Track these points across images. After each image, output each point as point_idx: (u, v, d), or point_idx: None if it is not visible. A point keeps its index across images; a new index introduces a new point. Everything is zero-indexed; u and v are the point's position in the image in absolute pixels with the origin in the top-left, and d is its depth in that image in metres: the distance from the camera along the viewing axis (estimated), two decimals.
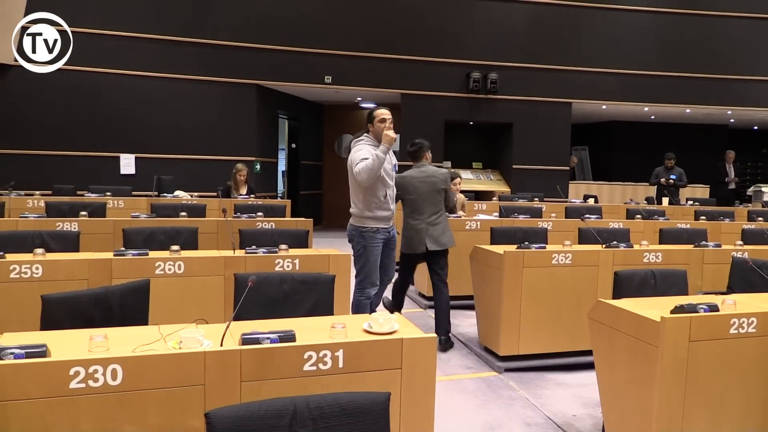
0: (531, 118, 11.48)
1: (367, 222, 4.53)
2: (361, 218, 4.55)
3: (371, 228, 4.53)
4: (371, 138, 4.53)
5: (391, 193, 4.62)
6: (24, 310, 3.40)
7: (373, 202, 4.51)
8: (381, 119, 4.46)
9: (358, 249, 4.57)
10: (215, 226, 5.90)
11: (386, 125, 4.44)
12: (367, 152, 4.40)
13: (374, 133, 4.51)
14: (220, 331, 2.30)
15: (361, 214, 4.55)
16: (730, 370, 2.88)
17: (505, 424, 3.72)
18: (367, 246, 4.54)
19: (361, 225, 4.55)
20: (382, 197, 4.53)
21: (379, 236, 4.55)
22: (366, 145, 4.49)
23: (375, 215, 4.52)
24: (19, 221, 5.61)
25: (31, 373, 1.97)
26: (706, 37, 11.92)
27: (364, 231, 4.54)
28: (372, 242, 4.54)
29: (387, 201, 4.57)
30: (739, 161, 12.61)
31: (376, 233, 4.53)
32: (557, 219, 7.35)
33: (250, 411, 1.61)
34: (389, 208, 4.60)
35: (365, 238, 4.53)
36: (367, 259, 4.56)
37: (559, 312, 4.66)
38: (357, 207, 4.57)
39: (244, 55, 10.29)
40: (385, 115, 4.48)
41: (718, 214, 8.16)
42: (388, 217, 4.60)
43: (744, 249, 5.22)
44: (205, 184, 9.35)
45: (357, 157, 4.42)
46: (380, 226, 4.55)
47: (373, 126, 4.51)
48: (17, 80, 9.14)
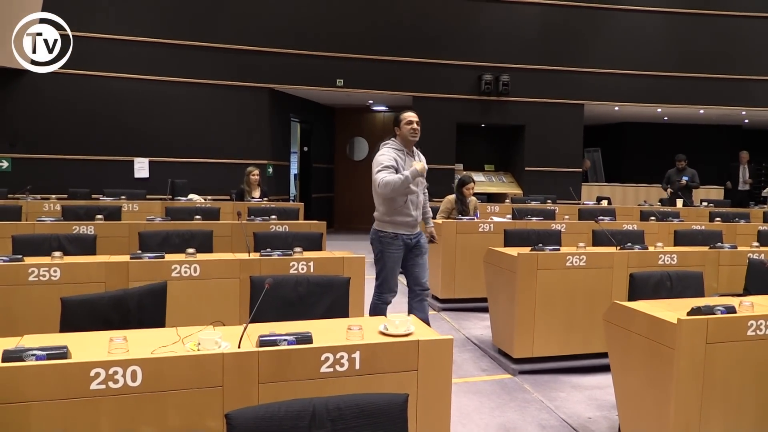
0: (543, 120, 11.45)
1: (386, 226, 4.43)
2: (381, 222, 4.46)
3: (389, 233, 4.42)
4: (397, 142, 4.43)
5: (414, 199, 4.46)
6: (42, 313, 3.45)
7: (392, 206, 4.39)
8: (408, 121, 4.36)
9: (377, 253, 4.49)
10: (229, 229, 5.93)
11: (413, 127, 4.36)
12: (389, 158, 4.30)
13: (401, 136, 4.41)
14: (237, 333, 2.32)
15: (381, 218, 4.46)
16: (748, 372, 2.86)
17: (521, 426, 3.71)
18: (384, 251, 4.44)
19: (380, 229, 4.46)
20: (403, 202, 4.38)
21: (397, 242, 4.42)
22: (390, 150, 4.38)
23: (393, 220, 4.40)
24: (36, 225, 5.67)
25: (53, 375, 2.00)
26: (720, 37, 11.83)
27: (382, 236, 4.44)
28: (389, 248, 4.43)
29: (408, 206, 4.40)
30: (753, 162, 12.50)
31: (394, 239, 4.42)
32: (570, 221, 7.33)
33: (270, 412, 1.62)
34: (410, 213, 4.43)
35: (382, 243, 4.44)
36: (384, 264, 4.46)
37: (574, 314, 4.64)
38: (378, 210, 4.48)
39: (256, 59, 10.35)
40: (412, 118, 4.38)
41: (733, 216, 8.09)
42: (408, 223, 4.43)
43: (760, 250, 5.17)
44: (219, 187, 9.40)
45: (379, 161, 4.33)
46: (399, 231, 4.42)
47: (400, 129, 4.41)
48: (33, 85, 9.25)
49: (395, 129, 4.46)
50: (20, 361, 1.98)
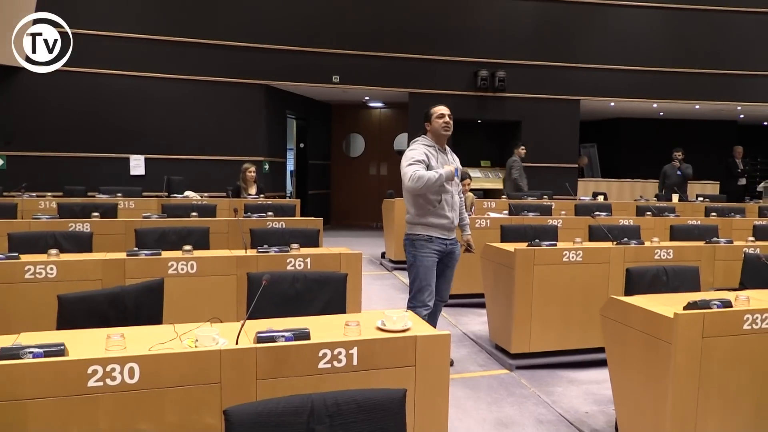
0: (539, 116, 11.46)
1: (418, 229, 4.11)
2: (412, 225, 4.15)
3: (423, 235, 4.09)
4: (428, 138, 4.21)
5: (449, 199, 4.15)
6: (39, 310, 3.44)
7: (425, 206, 4.09)
8: (439, 115, 4.16)
9: (409, 259, 4.16)
10: (226, 226, 5.93)
11: (445, 120, 4.15)
12: (420, 152, 4.06)
13: (433, 131, 4.19)
14: (234, 329, 2.32)
15: (412, 220, 4.16)
16: (744, 366, 2.87)
17: (518, 421, 3.72)
18: (417, 256, 4.09)
19: (412, 232, 4.15)
20: (437, 202, 4.08)
21: (432, 246, 4.09)
22: (421, 145, 4.15)
23: (427, 222, 4.09)
24: (32, 222, 5.65)
25: (50, 372, 1.99)
26: (715, 32, 11.84)
27: (415, 239, 4.11)
28: (423, 251, 4.08)
29: (443, 207, 4.10)
30: (749, 157, 12.55)
31: (428, 242, 4.08)
32: (567, 216, 7.34)
33: (268, 408, 1.63)
34: (446, 215, 4.12)
35: (415, 247, 4.11)
36: (417, 272, 4.10)
37: (571, 309, 4.65)
38: (409, 212, 4.18)
39: (252, 56, 10.32)
40: (444, 111, 4.18)
41: (729, 211, 8.12)
42: (443, 225, 4.12)
43: (756, 245, 5.19)
44: (215, 184, 9.38)
45: (409, 156, 4.06)
46: (434, 234, 4.10)
47: (431, 124, 4.19)
48: (28, 82, 9.20)
49: (425, 125, 4.25)
50: (17, 358, 1.98)
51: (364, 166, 13.60)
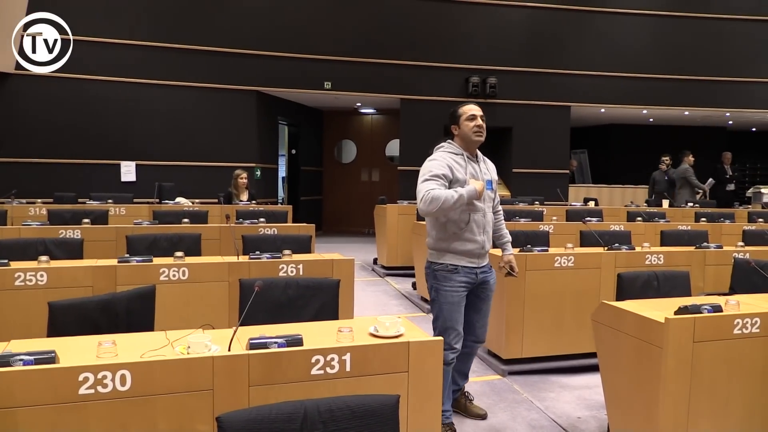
0: (530, 122, 11.51)
1: (441, 257, 3.38)
2: (435, 251, 3.42)
3: (446, 265, 3.36)
4: (455, 145, 3.46)
5: (480, 219, 3.37)
6: (29, 317, 3.42)
7: (449, 229, 3.34)
8: (470, 116, 3.43)
9: (432, 294, 3.45)
10: (218, 233, 5.91)
11: (477, 124, 3.41)
12: (440, 164, 3.30)
13: (462, 137, 3.45)
14: (226, 336, 2.31)
15: (434, 246, 3.41)
16: (735, 371, 2.89)
17: (511, 427, 3.72)
18: (440, 290, 3.37)
19: (434, 260, 3.42)
20: (464, 223, 3.32)
21: (458, 277, 3.34)
22: (445, 154, 3.39)
23: (450, 248, 3.35)
24: (22, 229, 5.62)
25: (41, 380, 1.97)
26: (704, 39, 11.96)
27: (437, 268, 3.38)
28: (446, 284, 3.35)
29: (470, 229, 3.33)
30: (737, 163, 12.66)
31: (453, 272, 3.34)
32: (558, 222, 7.37)
33: (261, 414, 1.62)
34: (474, 239, 3.35)
35: (437, 279, 3.38)
36: (440, 310, 3.37)
37: (562, 314, 4.67)
38: (430, 235, 3.45)
39: (243, 62, 10.32)
40: (476, 111, 3.44)
41: (719, 216, 8.18)
42: (471, 251, 3.36)
43: (745, 250, 5.23)
44: (206, 190, 9.35)
45: (427, 168, 3.31)
46: (461, 263, 3.35)
47: (459, 127, 3.45)
48: (18, 88, 9.17)
49: (452, 128, 3.50)
50: (7, 366, 1.96)
51: (355, 173, 13.61)
